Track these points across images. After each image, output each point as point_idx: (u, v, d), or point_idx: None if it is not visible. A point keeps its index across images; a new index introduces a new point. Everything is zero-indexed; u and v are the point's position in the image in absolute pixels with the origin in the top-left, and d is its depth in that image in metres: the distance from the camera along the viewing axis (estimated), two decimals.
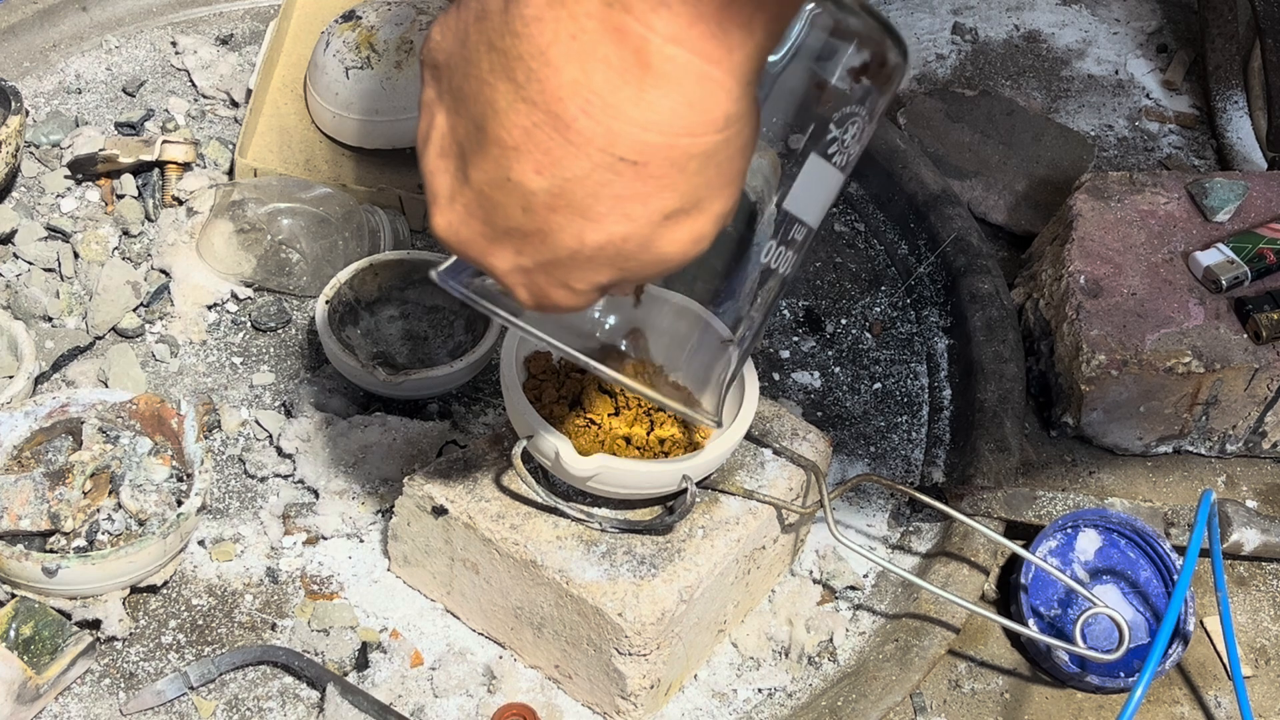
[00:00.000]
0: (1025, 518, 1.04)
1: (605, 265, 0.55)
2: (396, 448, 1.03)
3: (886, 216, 1.29)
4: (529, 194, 0.53)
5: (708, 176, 0.53)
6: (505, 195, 0.54)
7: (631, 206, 0.53)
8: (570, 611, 0.88)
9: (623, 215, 0.53)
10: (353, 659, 0.95)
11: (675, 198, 0.53)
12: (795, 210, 0.71)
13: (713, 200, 0.54)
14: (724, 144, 0.53)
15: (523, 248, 0.56)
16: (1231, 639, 0.95)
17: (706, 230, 0.55)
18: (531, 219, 0.54)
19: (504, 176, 0.53)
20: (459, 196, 0.56)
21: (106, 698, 0.92)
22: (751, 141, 0.55)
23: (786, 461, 0.95)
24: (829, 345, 1.20)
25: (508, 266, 0.57)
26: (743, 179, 0.56)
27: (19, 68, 1.33)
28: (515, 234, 0.55)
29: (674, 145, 0.52)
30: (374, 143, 1.24)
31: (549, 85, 0.51)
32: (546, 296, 0.58)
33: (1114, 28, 1.54)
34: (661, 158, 0.52)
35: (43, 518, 0.92)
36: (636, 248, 0.54)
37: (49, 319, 1.13)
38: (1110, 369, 1.07)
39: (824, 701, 0.94)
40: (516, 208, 0.54)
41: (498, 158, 0.53)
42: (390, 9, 1.25)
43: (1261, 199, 1.18)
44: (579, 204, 0.53)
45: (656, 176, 0.52)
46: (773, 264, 0.72)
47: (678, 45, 0.50)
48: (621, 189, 0.52)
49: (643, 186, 0.52)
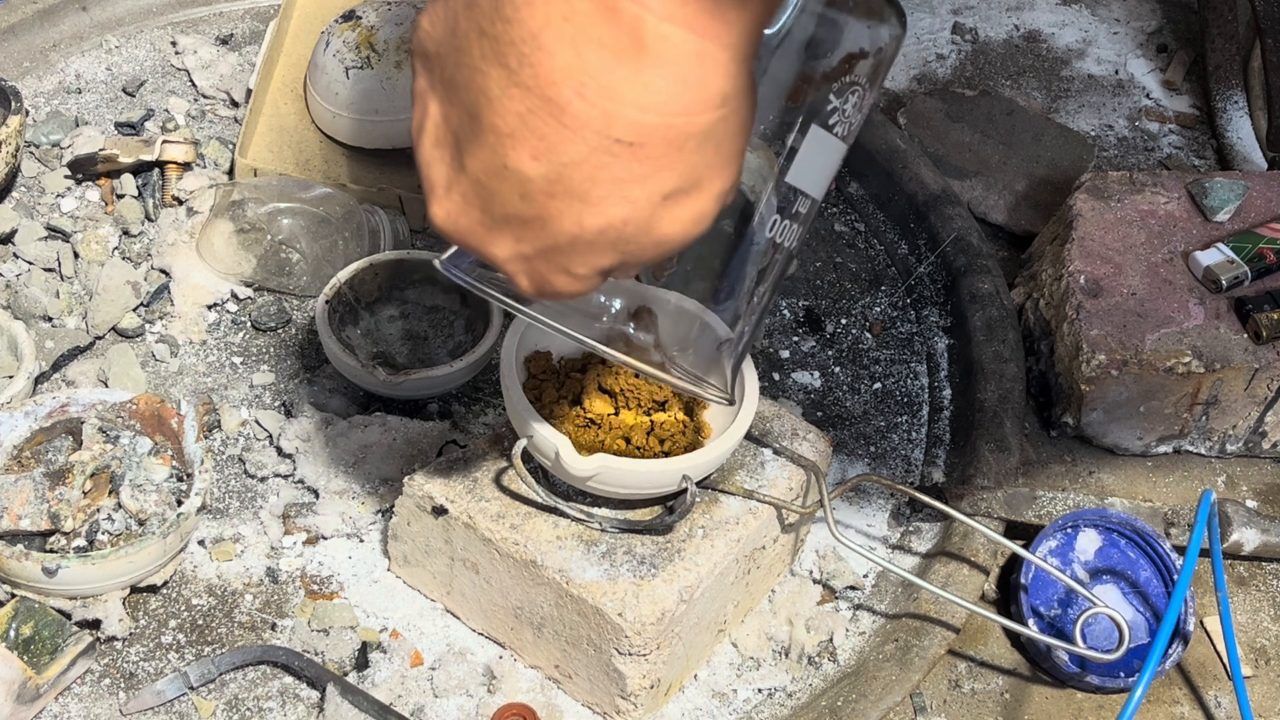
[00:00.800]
0: (1025, 518, 1.04)
1: (606, 249, 0.55)
2: (396, 448, 1.03)
3: (886, 216, 1.29)
4: (526, 180, 0.53)
5: (706, 155, 0.53)
6: (502, 183, 0.54)
7: (630, 189, 0.53)
8: (570, 611, 0.88)
9: (622, 198, 0.53)
10: (353, 659, 0.95)
11: (674, 178, 0.53)
12: (799, 183, 0.70)
13: (712, 179, 0.54)
14: (721, 121, 0.52)
15: (522, 235, 0.55)
16: (1231, 639, 0.95)
17: (707, 209, 0.55)
18: (530, 205, 0.54)
19: (500, 164, 0.53)
20: (455, 186, 0.56)
21: (106, 698, 0.92)
22: (750, 118, 0.54)
23: (786, 461, 0.95)
24: (829, 345, 1.20)
25: (507, 254, 0.57)
26: (742, 156, 0.55)
27: (19, 68, 1.33)
28: (514, 221, 0.55)
29: (671, 125, 0.51)
30: (374, 143, 1.24)
31: (542, 69, 0.50)
32: (548, 283, 0.57)
33: (1114, 28, 1.54)
34: (659, 138, 0.51)
35: (43, 518, 0.92)
36: (637, 230, 0.54)
37: (49, 319, 1.13)
38: (1110, 369, 1.07)
39: (824, 701, 0.94)
40: (514, 195, 0.54)
41: (493, 145, 0.53)
42: (390, 9, 1.25)
43: (1261, 199, 1.18)
44: (577, 188, 0.52)
45: (655, 157, 0.52)
46: (778, 238, 0.72)
47: (673, 23, 0.49)
48: (620, 171, 0.52)
49: (641, 168, 0.52)
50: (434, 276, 1.12)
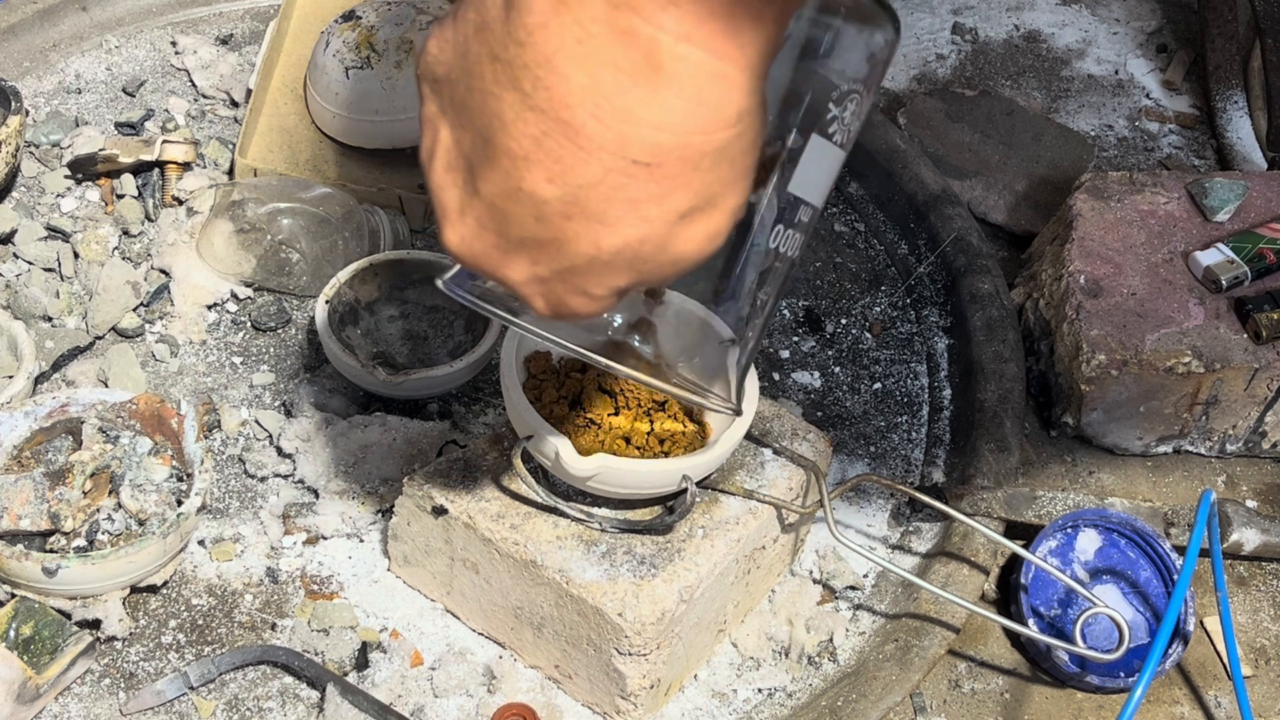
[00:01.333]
0: (1025, 518, 1.04)
1: (623, 269, 0.55)
2: (396, 448, 1.03)
3: (886, 216, 1.29)
4: (542, 203, 0.52)
5: (720, 173, 0.53)
6: (517, 206, 0.53)
7: (647, 209, 0.52)
8: (570, 611, 0.88)
9: (639, 218, 0.53)
10: (353, 659, 0.95)
11: (690, 196, 0.53)
12: (800, 193, 0.70)
13: (726, 196, 0.54)
14: (736, 139, 0.52)
15: (538, 257, 0.55)
16: (1231, 639, 0.95)
17: (722, 226, 0.55)
18: (546, 228, 0.53)
19: (515, 187, 0.53)
20: (469, 210, 0.55)
21: (106, 698, 0.92)
22: (761, 134, 0.54)
23: (786, 461, 0.95)
24: (829, 345, 1.20)
25: (523, 277, 0.56)
26: (753, 172, 0.55)
27: (19, 68, 1.33)
28: (530, 244, 0.54)
29: (688, 144, 0.51)
30: (374, 143, 1.24)
31: (557, 92, 0.50)
32: (564, 305, 0.57)
33: (1114, 28, 1.54)
34: (675, 158, 0.51)
35: (43, 518, 0.92)
36: (654, 249, 0.54)
37: (49, 319, 1.13)
38: (1110, 369, 1.07)
39: (824, 701, 0.94)
40: (529, 218, 0.53)
41: (507, 169, 0.52)
42: (390, 9, 1.25)
43: (1261, 199, 1.18)
44: (594, 210, 0.52)
45: (671, 177, 0.52)
46: (781, 247, 0.72)
47: (689, 44, 0.49)
48: (636, 192, 0.52)
49: (657, 188, 0.52)
50: (434, 276, 1.12)
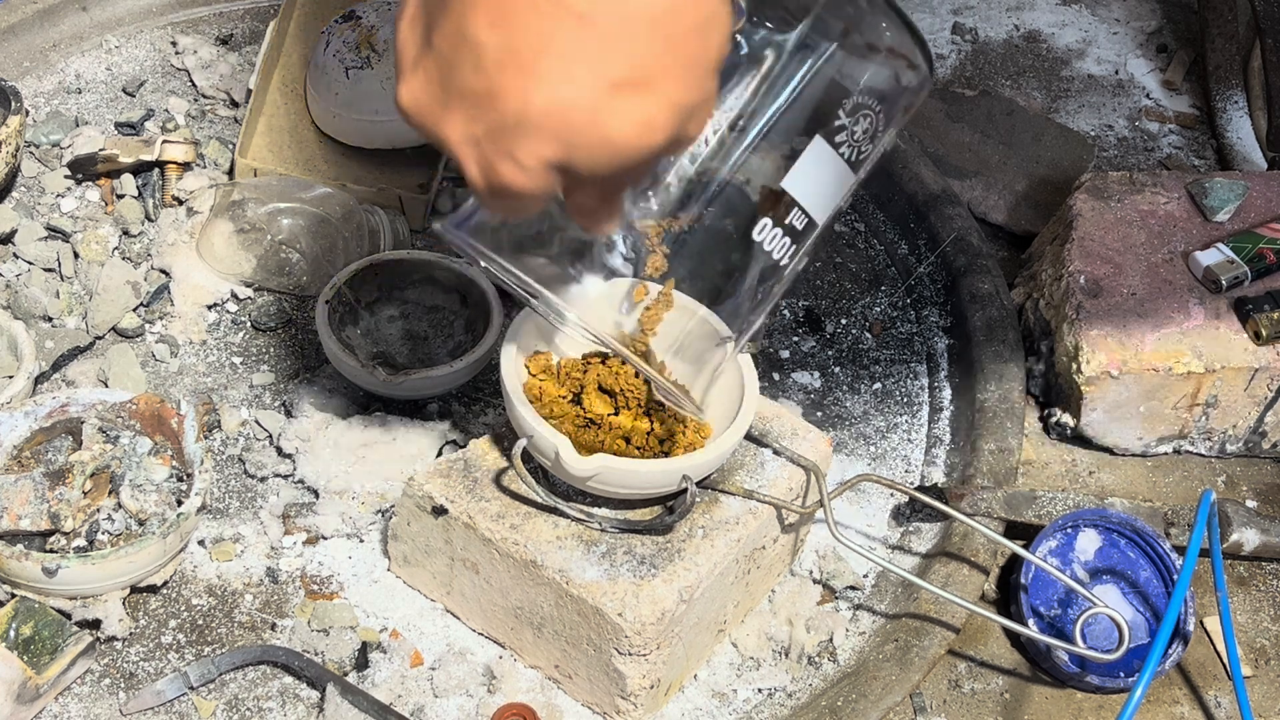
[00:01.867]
0: (1025, 518, 1.04)
1: (551, 136, 0.56)
2: (396, 448, 1.03)
3: (886, 216, 1.29)
4: (480, 48, 0.55)
5: (655, 47, 0.55)
6: (459, 54, 0.56)
7: (577, 67, 0.54)
8: (570, 611, 0.88)
9: (567, 75, 0.55)
10: (353, 659, 0.95)
11: (622, 63, 0.54)
12: (794, 192, 0.70)
13: (664, 80, 0.55)
14: (673, 14, 0.54)
15: (474, 114, 0.57)
16: (1231, 639, 0.95)
17: (658, 117, 0.56)
18: (481, 78, 0.56)
19: (460, 32, 0.56)
20: (420, 61, 0.58)
21: (106, 698, 0.92)
22: (711, 30, 0.56)
23: (786, 461, 0.95)
24: (829, 345, 1.20)
25: (459, 136, 0.58)
26: (704, 73, 0.56)
27: (19, 68, 1.33)
28: (468, 96, 0.57)
29: (625, 3, 0.53)
30: (374, 143, 1.24)
31: None
32: (495, 171, 0.58)
33: (1114, 28, 1.54)
34: (608, 12, 0.53)
35: (43, 518, 0.92)
36: (583, 120, 0.56)
37: (49, 319, 1.13)
38: (1110, 369, 1.07)
39: (824, 701, 0.94)
40: (469, 67, 0.56)
41: (457, 15, 0.55)
42: (390, 9, 1.25)
43: (1261, 199, 1.18)
44: (526, 61, 0.55)
45: (603, 36, 0.54)
46: (766, 244, 0.71)
47: None
48: (568, 45, 0.54)
49: (589, 44, 0.54)
50: (434, 276, 1.12)
